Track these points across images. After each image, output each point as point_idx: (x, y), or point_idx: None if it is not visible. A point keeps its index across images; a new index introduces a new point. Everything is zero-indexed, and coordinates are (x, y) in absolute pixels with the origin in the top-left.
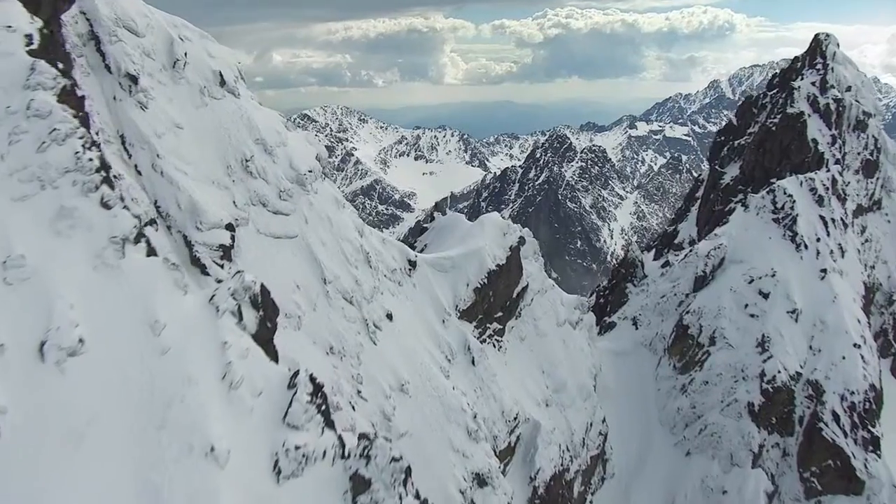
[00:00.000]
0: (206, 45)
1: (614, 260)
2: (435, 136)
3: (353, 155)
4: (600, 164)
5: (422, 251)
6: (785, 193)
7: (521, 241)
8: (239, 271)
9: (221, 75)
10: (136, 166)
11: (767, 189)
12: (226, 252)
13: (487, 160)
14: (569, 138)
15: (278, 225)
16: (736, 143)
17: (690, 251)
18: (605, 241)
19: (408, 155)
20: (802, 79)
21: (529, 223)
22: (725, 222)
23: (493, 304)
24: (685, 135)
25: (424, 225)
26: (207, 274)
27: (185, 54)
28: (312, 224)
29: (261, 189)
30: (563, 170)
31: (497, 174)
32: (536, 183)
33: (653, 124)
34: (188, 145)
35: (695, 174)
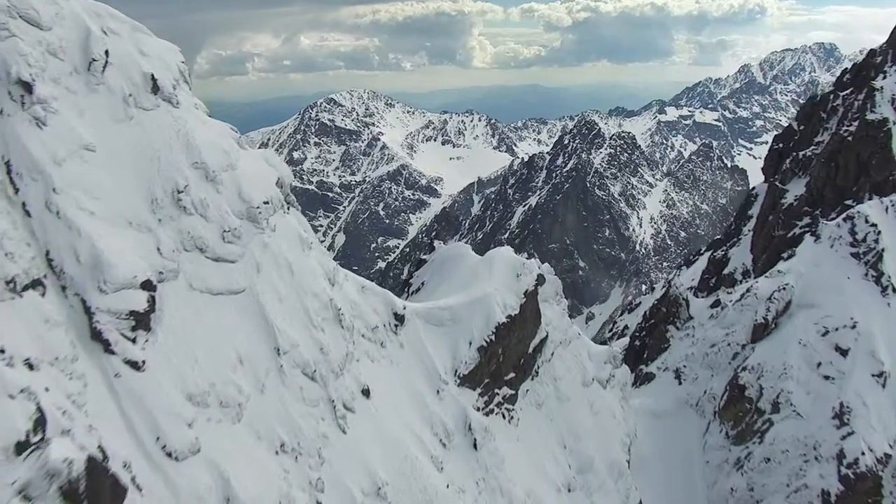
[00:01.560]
0: (139, 41)
1: (643, 249)
2: (462, 121)
3: (379, 140)
4: (629, 151)
5: (417, 290)
6: (866, 221)
7: (540, 280)
8: (36, 447)
9: (154, 79)
10: (23, 204)
11: (844, 215)
12: (140, 320)
13: (515, 145)
14: (597, 124)
15: (219, 276)
16: (800, 154)
17: (747, 292)
18: (633, 229)
19: (435, 140)
20: (885, 76)
21: (557, 211)
22: (790, 255)
23: (504, 363)
24: (715, 120)
25: (423, 257)
26: (112, 352)
27: (106, 52)
28: (266, 273)
29: (197, 229)
30: (591, 156)
31: (524, 160)
32: (564, 170)
33: (682, 109)
34: (100, 173)
35: (726, 162)
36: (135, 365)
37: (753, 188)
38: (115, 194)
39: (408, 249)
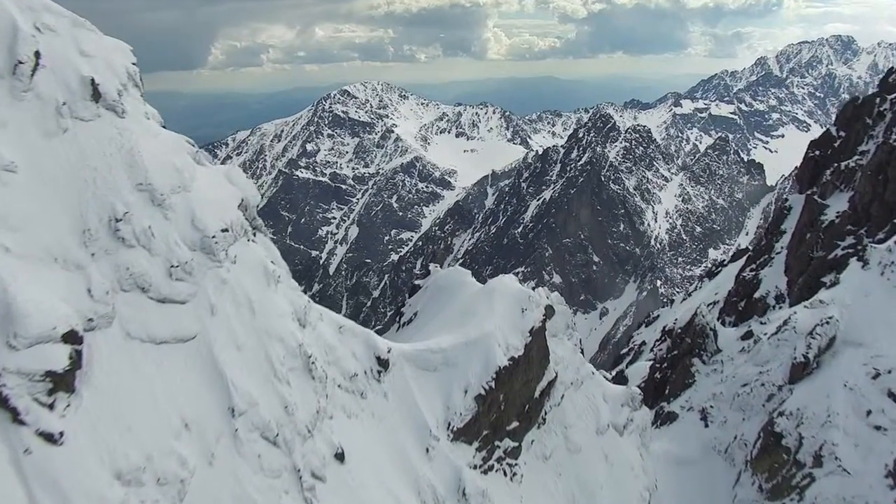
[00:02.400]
0: (81, 39)
1: (658, 244)
2: (476, 113)
3: (393, 132)
4: (645, 145)
5: (410, 321)
6: None
7: (549, 313)
8: None
9: (95, 84)
10: None
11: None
12: (60, 381)
13: (529, 137)
14: (612, 117)
15: (164, 321)
16: (842, 164)
17: (784, 324)
18: (648, 224)
19: (448, 132)
20: None
21: (571, 205)
22: (833, 282)
23: (505, 412)
24: (731, 113)
25: (417, 282)
26: (22, 422)
27: (37, 54)
28: (222, 315)
29: (139, 264)
30: (606, 150)
31: (538, 153)
32: (579, 164)
33: (698, 102)
34: (21, 199)
35: (743, 156)
36: (50, 437)
37: (786, 199)
38: (38, 225)
39: (420, 242)
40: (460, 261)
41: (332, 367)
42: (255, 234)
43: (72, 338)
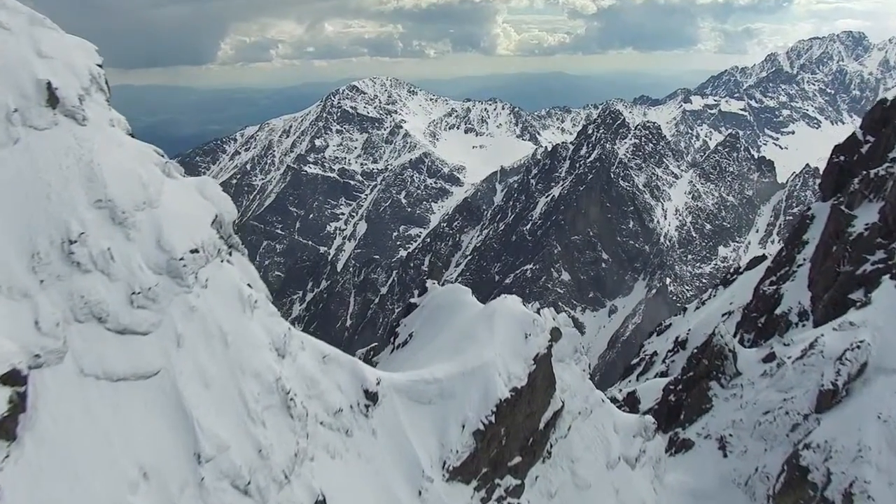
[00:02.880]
0: (38, 38)
1: (667, 241)
2: (485, 109)
3: (401, 127)
4: (654, 141)
5: (405, 343)
6: None
7: (555, 336)
8: None
9: (52, 88)
10: None
11: None
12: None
13: (538, 133)
14: (622, 114)
15: (123, 355)
16: (871, 173)
17: (811, 348)
18: (658, 221)
19: (457, 128)
20: None
21: (580, 202)
22: (864, 303)
23: (507, 446)
24: (741, 109)
25: (413, 301)
26: None
27: None
28: (190, 347)
29: (96, 291)
30: (615, 147)
31: (547, 150)
32: (588, 160)
33: (708, 98)
34: None
35: (753, 153)
36: None
37: (809, 208)
38: None
39: (429, 239)
40: (469, 258)
41: (313, 403)
42: (230, 254)
43: (13, 378)
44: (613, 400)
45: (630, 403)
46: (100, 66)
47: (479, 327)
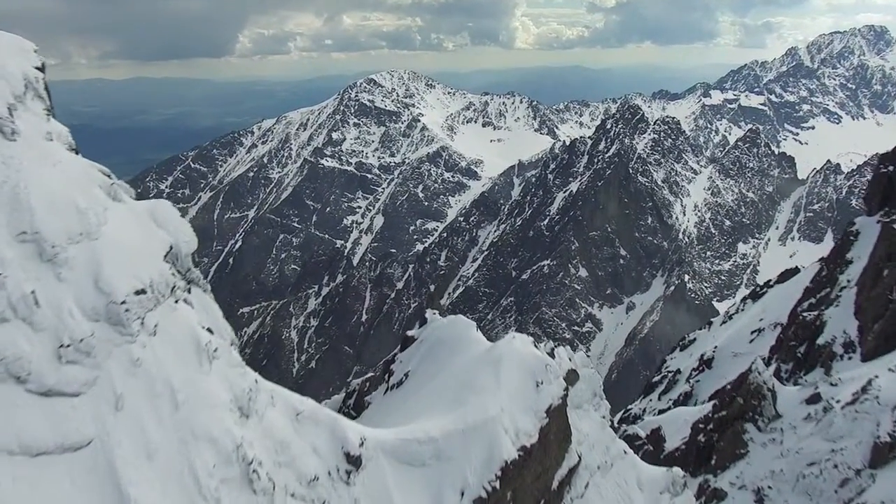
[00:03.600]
0: None
1: (686, 238)
2: (503, 103)
3: (419, 121)
4: (674, 137)
5: (400, 384)
6: None
7: (571, 379)
8: None
9: None
10: None
11: None
12: None
13: (557, 127)
14: (640, 108)
15: (47, 423)
16: None
17: (863, 392)
18: (677, 217)
19: (475, 121)
20: None
21: (598, 198)
22: None
23: None
24: (761, 104)
25: (411, 333)
26: None
27: None
28: (131, 411)
29: (14, 345)
30: (634, 142)
31: (566, 145)
32: (606, 155)
33: (727, 93)
34: None
35: (773, 149)
36: None
37: (853, 223)
38: None
39: (445, 234)
40: (485, 253)
41: (283, 471)
42: (189, 291)
43: None
44: (636, 438)
45: (654, 441)
46: (40, 68)
47: (483, 374)
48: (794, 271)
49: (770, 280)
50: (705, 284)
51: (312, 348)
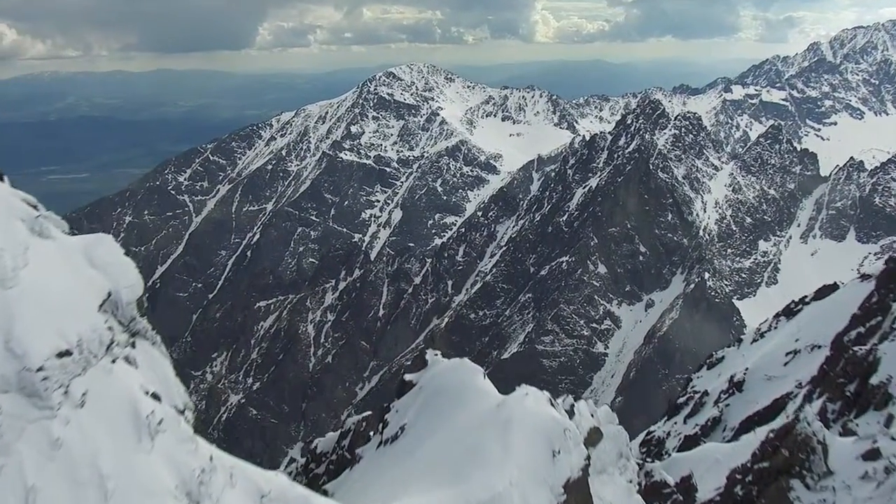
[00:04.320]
0: None
1: (707, 235)
2: (523, 97)
3: (438, 115)
4: (695, 132)
5: (394, 439)
6: None
7: (593, 438)
8: None
9: None
10: None
11: None
12: None
13: (576, 122)
14: (661, 104)
15: None
16: None
17: None
18: (697, 214)
19: (495, 115)
20: None
21: (618, 194)
22: None
23: None
24: (783, 99)
25: (408, 377)
26: None
27: None
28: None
29: None
30: (654, 137)
31: (585, 140)
32: (626, 151)
33: (749, 88)
34: None
35: (796, 145)
36: None
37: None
38: None
39: (463, 229)
40: (503, 248)
41: None
42: (133, 346)
43: None
44: (664, 485)
45: (685, 491)
46: None
47: (490, 438)
48: (832, 287)
49: (805, 296)
50: (725, 282)
51: (329, 343)
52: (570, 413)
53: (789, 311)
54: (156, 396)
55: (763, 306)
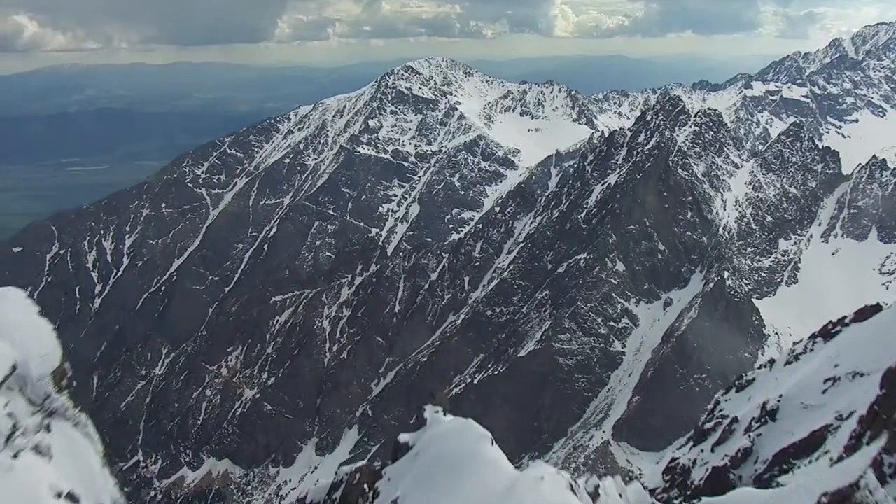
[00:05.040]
0: None
1: (726, 233)
2: (542, 92)
3: (456, 109)
4: (715, 129)
5: None
6: None
7: None
8: None
9: None
10: None
11: None
12: None
13: (595, 117)
14: (681, 100)
15: None
16: None
17: None
18: (717, 212)
19: (513, 110)
20: None
21: (637, 191)
22: None
23: None
24: (804, 96)
25: (403, 438)
26: None
27: None
28: None
29: None
30: (674, 134)
31: (604, 136)
32: (646, 147)
33: (769, 84)
34: None
35: (817, 143)
36: None
37: None
38: None
39: (480, 225)
40: (521, 245)
41: None
42: (48, 429)
43: None
44: None
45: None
46: None
47: None
48: (874, 308)
49: (845, 317)
50: (745, 281)
51: (344, 339)
52: (595, 495)
53: (827, 333)
54: (72, 497)
55: (783, 306)
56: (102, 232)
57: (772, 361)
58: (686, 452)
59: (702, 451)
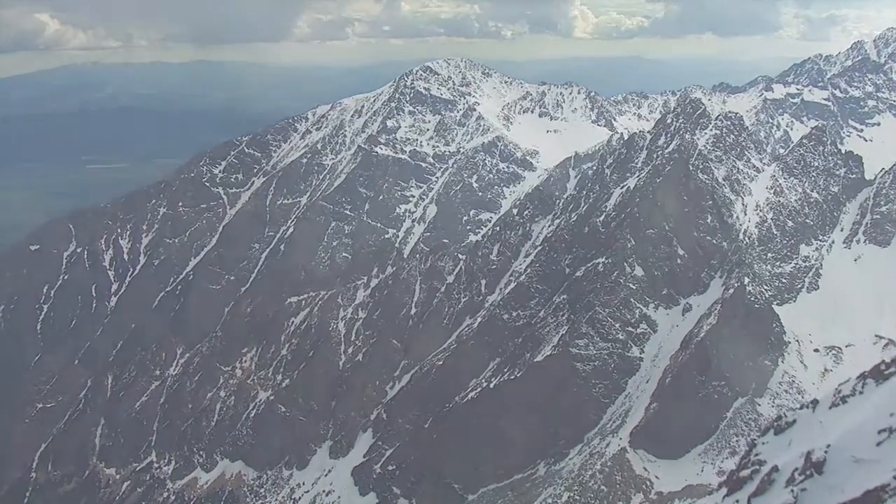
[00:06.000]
0: None
1: (747, 238)
2: (560, 93)
3: (475, 110)
4: (736, 133)
5: None
6: None
7: None
8: None
9: None
10: None
11: None
12: None
13: (614, 119)
14: (702, 103)
15: None
16: None
17: None
18: (737, 216)
19: (532, 112)
20: None
21: (656, 195)
22: None
23: None
24: (825, 99)
25: None
26: None
27: None
28: None
29: None
30: (695, 137)
31: (623, 138)
32: (666, 151)
33: (790, 87)
34: None
35: (840, 147)
36: None
37: None
38: None
39: (498, 228)
40: (538, 248)
41: None
42: None
43: None
44: None
45: None
46: None
47: None
48: None
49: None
50: (765, 287)
51: (360, 341)
52: None
53: (879, 374)
54: None
55: (803, 312)
56: (119, 230)
57: (815, 402)
58: (720, 502)
59: (737, 501)
